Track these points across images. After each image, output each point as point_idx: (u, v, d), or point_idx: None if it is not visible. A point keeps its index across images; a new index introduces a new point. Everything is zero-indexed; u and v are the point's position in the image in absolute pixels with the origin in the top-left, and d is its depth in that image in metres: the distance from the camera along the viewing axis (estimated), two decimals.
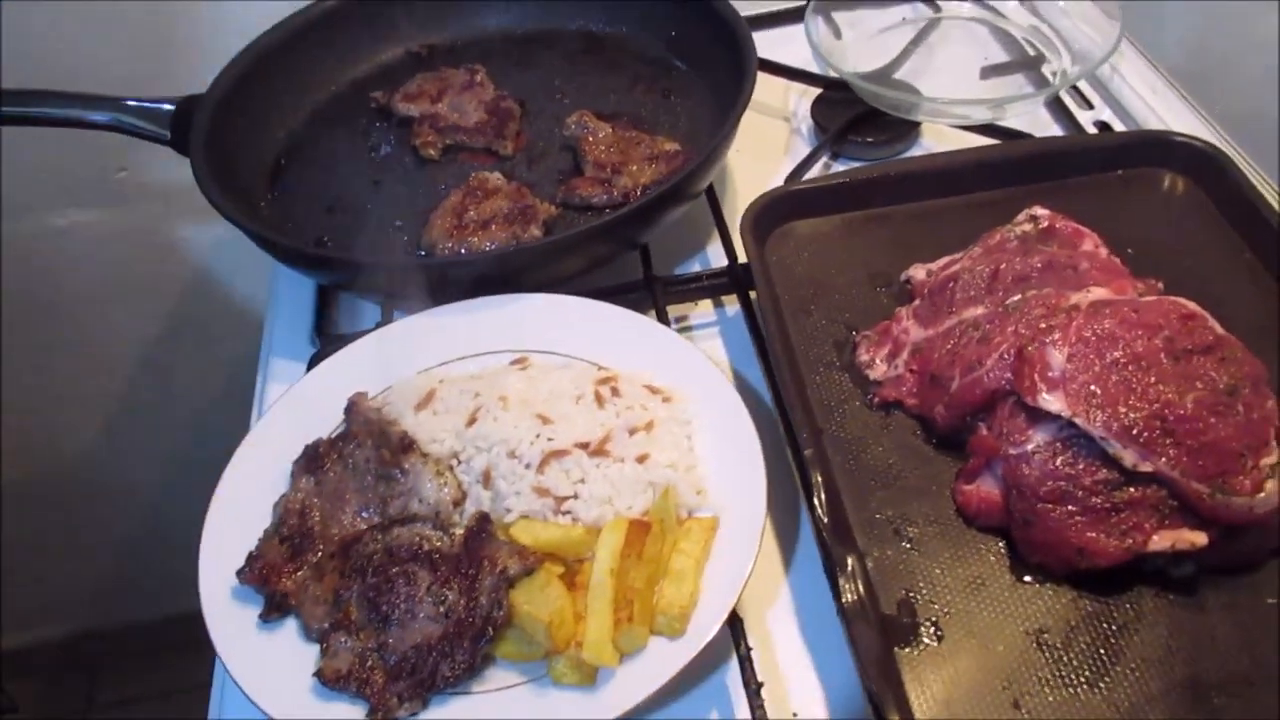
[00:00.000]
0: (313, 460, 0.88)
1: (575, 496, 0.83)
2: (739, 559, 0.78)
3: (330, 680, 0.74)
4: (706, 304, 1.14)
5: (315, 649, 0.78)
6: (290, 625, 0.80)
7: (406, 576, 0.78)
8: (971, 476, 0.85)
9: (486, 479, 0.85)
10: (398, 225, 1.15)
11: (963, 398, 0.87)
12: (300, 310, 1.16)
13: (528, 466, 0.84)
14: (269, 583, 0.80)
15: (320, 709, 0.74)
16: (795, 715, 0.79)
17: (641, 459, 0.84)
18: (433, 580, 0.78)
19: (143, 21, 1.48)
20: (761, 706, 0.75)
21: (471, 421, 0.88)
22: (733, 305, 1.11)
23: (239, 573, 0.81)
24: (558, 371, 0.93)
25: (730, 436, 0.86)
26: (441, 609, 0.77)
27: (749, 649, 0.79)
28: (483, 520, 0.81)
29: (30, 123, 1.16)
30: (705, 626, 0.75)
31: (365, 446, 0.88)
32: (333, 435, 0.91)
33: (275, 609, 0.79)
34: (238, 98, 1.21)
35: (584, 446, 0.85)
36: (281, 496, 0.87)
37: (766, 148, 1.31)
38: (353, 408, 0.91)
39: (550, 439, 0.86)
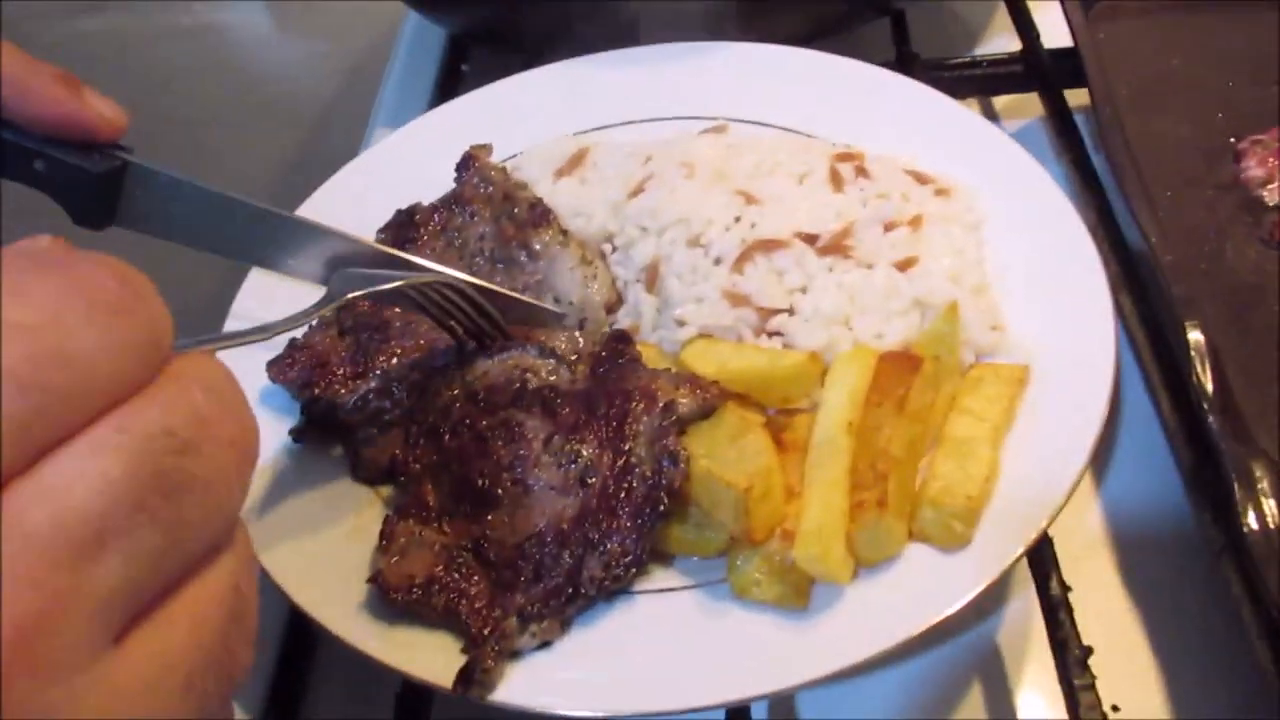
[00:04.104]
0: (404, 229, 0.60)
1: (791, 311, 0.52)
2: (1069, 435, 0.46)
3: (396, 590, 0.46)
4: (972, 105, 0.79)
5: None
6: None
7: (508, 430, 0.49)
8: None
9: (652, 277, 0.55)
10: None
11: None
12: (425, 68, 0.87)
13: (717, 262, 0.54)
14: (312, 384, 0.53)
15: (383, 633, 0.46)
16: (1115, 709, 0.47)
17: (904, 265, 0.53)
18: (553, 430, 0.49)
19: None
20: (1092, 688, 0.43)
21: (637, 192, 0.58)
22: (1015, 110, 0.77)
23: (269, 364, 0.54)
24: (773, 142, 0.62)
25: (1048, 252, 0.54)
26: (574, 473, 0.48)
27: (1066, 588, 0.46)
28: (618, 340, 0.51)
29: None
30: (1003, 538, 0.43)
31: (481, 217, 0.60)
32: (438, 201, 0.62)
33: (315, 425, 0.52)
34: None
35: (810, 240, 0.54)
36: None
37: None
38: (469, 163, 0.62)
39: (755, 224, 0.55)
